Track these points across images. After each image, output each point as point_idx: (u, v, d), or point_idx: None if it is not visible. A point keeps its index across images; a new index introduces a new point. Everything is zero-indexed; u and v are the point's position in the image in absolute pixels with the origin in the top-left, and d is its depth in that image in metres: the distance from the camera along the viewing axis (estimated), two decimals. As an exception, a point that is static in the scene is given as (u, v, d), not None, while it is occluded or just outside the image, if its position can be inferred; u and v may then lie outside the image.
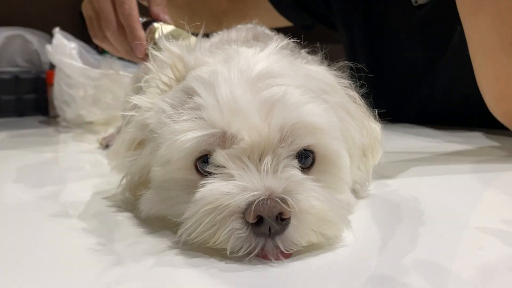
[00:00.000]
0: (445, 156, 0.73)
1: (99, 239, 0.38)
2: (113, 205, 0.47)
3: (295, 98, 0.37)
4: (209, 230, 0.33)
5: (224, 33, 0.66)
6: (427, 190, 0.53)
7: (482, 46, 0.71)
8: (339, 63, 0.50)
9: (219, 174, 0.35)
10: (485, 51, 0.71)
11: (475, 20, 0.70)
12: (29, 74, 1.42)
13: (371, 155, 0.49)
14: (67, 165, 0.76)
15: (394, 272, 0.32)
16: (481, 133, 0.89)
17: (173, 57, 0.42)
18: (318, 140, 0.38)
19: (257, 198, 0.32)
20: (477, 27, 0.70)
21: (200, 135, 0.35)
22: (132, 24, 0.67)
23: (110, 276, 0.31)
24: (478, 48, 0.72)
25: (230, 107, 0.35)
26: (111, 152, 0.46)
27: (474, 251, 0.35)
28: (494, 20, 0.67)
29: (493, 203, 0.50)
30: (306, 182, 0.35)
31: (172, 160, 0.37)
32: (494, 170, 0.64)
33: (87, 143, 0.90)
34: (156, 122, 0.39)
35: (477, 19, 0.69)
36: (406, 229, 0.40)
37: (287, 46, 0.50)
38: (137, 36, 0.67)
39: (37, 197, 0.53)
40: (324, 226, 0.35)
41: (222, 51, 0.43)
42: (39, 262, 0.34)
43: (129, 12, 0.67)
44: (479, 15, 0.68)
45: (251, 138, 0.35)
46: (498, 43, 0.68)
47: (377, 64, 1.06)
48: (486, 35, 0.69)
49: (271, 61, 0.40)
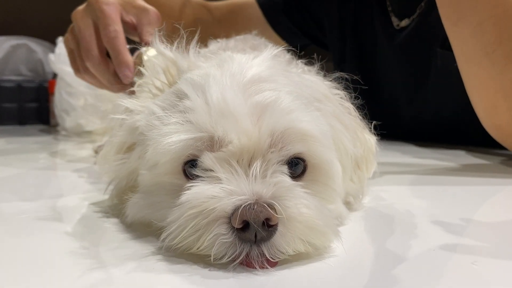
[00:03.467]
0: (437, 172, 0.72)
1: (82, 243, 0.37)
2: (100, 211, 0.46)
3: (287, 103, 0.36)
4: (193, 235, 0.32)
5: (223, 42, 0.66)
6: (422, 204, 0.53)
7: (466, 56, 0.71)
8: (334, 74, 0.50)
9: (206, 177, 0.35)
10: (470, 61, 0.71)
11: (458, 30, 0.70)
12: (32, 83, 1.43)
13: (365, 167, 0.48)
14: (61, 173, 0.76)
15: (383, 284, 0.31)
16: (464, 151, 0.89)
17: (166, 61, 0.42)
18: (309, 147, 0.37)
19: (244, 202, 0.32)
20: (460, 37, 0.70)
21: (186, 139, 0.35)
22: (118, 47, 0.61)
23: (89, 279, 0.31)
24: (463, 58, 0.72)
25: (220, 109, 0.35)
26: (101, 156, 0.45)
27: (467, 265, 0.34)
28: (475, 29, 0.67)
29: (486, 218, 0.49)
30: (296, 189, 0.34)
31: (159, 163, 0.37)
32: (485, 184, 0.63)
33: (85, 151, 0.90)
34: (145, 125, 0.39)
35: (459, 29, 0.69)
36: (397, 242, 0.39)
37: (283, 55, 0.50)
38: (123, 61, 0.61)
39: (27, 202, 0.52)
40: (312, 235, 0.34)
41: (216, 56, 0.43)
42: (20, 264, 0.33)
43: (115, 35, 0.62)
44: (460, 25, 0.69)
45: (241, 142, 0.34)
46: (481, 52, 0.68)
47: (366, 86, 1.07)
48: (469, 44, 0.69)
49: (264, 67, 0.39)
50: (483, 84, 0.71)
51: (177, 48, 0.43)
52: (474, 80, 0.73)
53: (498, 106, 0.71)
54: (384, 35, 1.02)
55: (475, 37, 0.68)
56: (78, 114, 1.10)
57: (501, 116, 0.72)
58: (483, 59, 0.68)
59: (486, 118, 0.75)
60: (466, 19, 0.67)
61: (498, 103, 0.71)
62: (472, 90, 0.74)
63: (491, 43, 0.66)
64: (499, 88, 0.69)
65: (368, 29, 1.06)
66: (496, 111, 0.72)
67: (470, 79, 0.73)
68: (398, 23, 0.99)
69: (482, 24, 0.66)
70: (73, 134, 1.12)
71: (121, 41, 0.62)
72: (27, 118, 1.42)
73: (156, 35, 0.43)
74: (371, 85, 1.08)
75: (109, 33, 0.62)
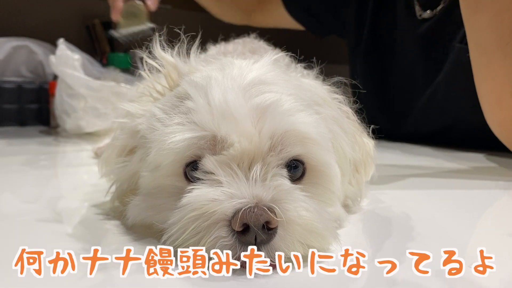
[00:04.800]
0: (438, 174, 0.72)
1: (83, 245, 0.38)
2: (101, 213, 0.46)
3: (287, 105, 0.37)
4: (194, 238, 0.33)
5: (221, 46, 0.66)
6: (420, 207, 0.53)
7: (480, 46, 0.72)
8: (333, 79, 0.50)
9: (207, 180, 0.35)
10: (483, 51, 0.72)
11: (474, 19, 0.70)
12: (32, 85, 1.43)
13: (363, 171, 0.48)
14: (62, 174, 0.76)
15: (380, 286, 0.31)
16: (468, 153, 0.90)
17: (167, 66, 0.43)
18: (308, 150, 0.38)
19: (244, 205, 0.32)
20: (476, 26, 0.71)
21: (190, 137, 0.35)
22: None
23: (89, 281, 0.31)
24: (477, 48, 0.73)
25: (221, 110, 0.35)
26: (102, 159, 0.46)
27: (465, 269, 0.34)
28: (492, 19, 0.68)
29: (485, 221, 0.49)
30: (295, 192, 0.35)
31: (161, 165, 0.37)
32: (484, 188, 0.63)
33: (85, 153, 0.90)
34: (147, 128, 0.39)
35: (476, 18, 0.70)
36: (395, 245, 0.39)
37: (283, 60, 0.51)
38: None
39: (27, 204, 0.52)
40: (311, 238, 0.34)
41: (216, 61, 0.44)
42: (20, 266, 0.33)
43: None
44: (478, 14, 0.69)
45: (241, 145, 0.35)
46: (495, 42, 0.69)
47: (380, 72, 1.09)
48: (485, 34, 0.70)
49: (264, 71, 0.40)
50: (492, 76, 0.72)
51: (178, 53, 0.44)
52: (484, 71, 0.73)
53: (504, 100, 0.72)
54: (405, 24, 1.02)
55: (492, 26, 0.68)
56: (79, 116, 1.10)
57: (505, 111, 0.73)
58: (496, 50, 0.69)
59: (490, 112, 0.75)
60: (485, 7, 0.68)
61: (504, 97, 0.72)
62: (481, 82, 0.75)
63: (507, 35, 0.67)
64: (507, 82, 0.70)
65: (389, 15, 1.06)
66: (500, 105, 0.73)
67: (480, 71, 0.74)
68: (421, 13, 1.00)
69: (500, 13, 0.67)
70: (73, 136, 1.12)
71: None
72: (27, 119, 1.42)
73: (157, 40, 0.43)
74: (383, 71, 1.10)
75: None
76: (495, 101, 0.74)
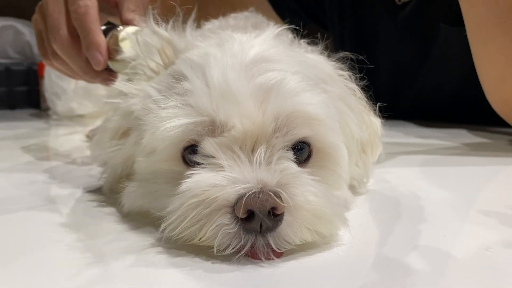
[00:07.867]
0: (440, 152, 0.71)
1: (78, 235, 0.36)
2: (94, 200, 0.44)
3: (292, 85, 0.34)
4: (195, 226, 0.31)
5: (221, 20, 0.63)
6: (426, 186, 0.51)
7: (478, 25, 0.69)
8: (339, 54, 0.47)
9: (208, 164, 0.33)
10: (481, 30, 0.69)
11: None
12: (20, 66, 1.39)
13: (370, 151, 0.46)
14: (53, 158, 0.74)
15: (393, 272, 0.29)
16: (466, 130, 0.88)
17: (161, 41, 0.40)
18: (315, 131, 0.35)
19: (248, 191, 0.30)
20: (473, 2, 0.68)
21: (185, 123, 0.33)
22: (87, 25, 0.51)
23: (87, 275, 0.29)
24: (474, 26, 0.70)
25: (221, 92, 0.33)
26: (94, 142, 0.43)
27: (481, 252, 0.33)
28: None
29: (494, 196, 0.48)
30: (302, 176, 0.33)
31: (156, 149, 0.35)
32: (490, 164, 0.62)
33: (77, 136, 0.88)
34: (141, 109, 0.37)
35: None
36: (406, 227, 0.37)
37: (285, 35, 0.48)
38: (93, 41, 0.50)
39: (18, 190, 0.50)
40: (320, 224, 0.32)
41: (215, 36, 0.41)
42: (14, 260, 0.31)
43: (85, 11, 0.51)
44: None
45: (244, 126, 0.32)
46: (493, 20, 0.66)
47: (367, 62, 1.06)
48: (482, 11, 0.67)
49: (266, 46, 0.37)
50: (492, 55, 0.69)
51: (173, 27, 0.40)
52: (483, 50, 0.70)
53: (507, 78, 0.69)
54: (386, 12, 1.00)
55: (489, 2, 0.65)
56: (69, 98, 1.06)
57: (509, 89, 0.70)
58: (495, 28, 0.66)
59: (493, 91, 0.73)
60: None
61: (507, 75, 0.69)
62: (480, 61, 0.72)
63: (505, 11, 0.64)
64: (509, 60, 0.67)
65: (368, 7, 1.03)
66: (504, 84, 0.70)
67: (479, 50, 0.71)
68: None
69: None
70: (64, 118, 1.09)
71: (92, 17, 0.51)
72: (17, 102, 1.38)
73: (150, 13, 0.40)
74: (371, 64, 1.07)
75: (78, 8, 0.51)
76: (498, 80, 0.71)
